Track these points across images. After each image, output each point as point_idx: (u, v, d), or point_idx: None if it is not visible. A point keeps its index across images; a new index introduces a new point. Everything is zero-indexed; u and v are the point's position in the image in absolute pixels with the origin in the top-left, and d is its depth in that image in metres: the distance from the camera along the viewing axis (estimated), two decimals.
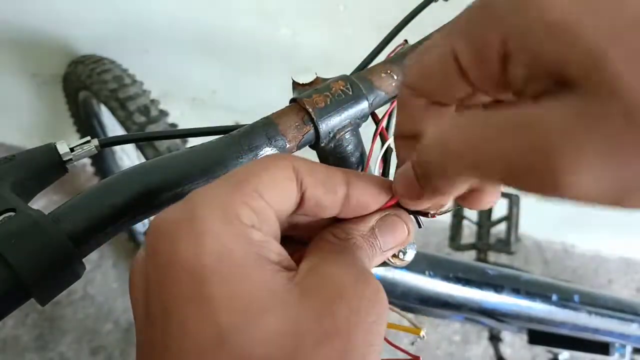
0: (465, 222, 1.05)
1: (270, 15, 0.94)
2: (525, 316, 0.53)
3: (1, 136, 1.43)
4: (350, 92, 0.32)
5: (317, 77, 0.33)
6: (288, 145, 0.31)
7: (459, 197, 0.23)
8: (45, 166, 0.29)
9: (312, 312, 0.19)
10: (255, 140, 0.30)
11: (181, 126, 0.93)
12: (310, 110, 0.31)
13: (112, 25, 1.03)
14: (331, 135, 0.32)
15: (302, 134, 0.31)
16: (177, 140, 0.87)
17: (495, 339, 1.01)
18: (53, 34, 1.07)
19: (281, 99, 0.35)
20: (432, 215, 0.27)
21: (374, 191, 0.25)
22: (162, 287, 0.19)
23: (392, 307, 0.25)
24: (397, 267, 0.45)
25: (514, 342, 1.30)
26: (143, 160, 0.70)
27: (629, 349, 0.63)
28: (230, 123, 0.33)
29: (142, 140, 0.45)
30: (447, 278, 0.48)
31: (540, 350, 1.26)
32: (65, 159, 0.30)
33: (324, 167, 0.24)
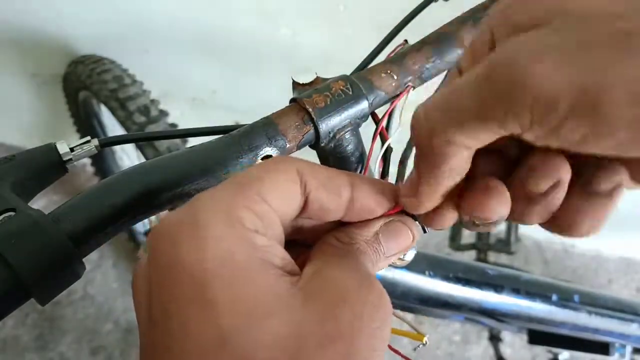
0: None
1: (270, 15, 0.94)
2: (525, 316, 0.53)
3: (1, 136, 1.43)
4: (350, 92, 0.32)
5: (317, 77, 0.33)
6: (288, 145, 0.31)
7: (470, 202, 0.22)
8: (45, 166, 0.29)
9: (315, 315, 0.19)
10: (255, 140, 0.30)
11: (181, 126, 0.93)
12: (310, 110, 0.31)
13: (112, 25, 1.03)
14: (331, 135, 0.32)
15: (302, 134, 0.31)
16: (177, 140, 0.87)
17: (495, 339, 1.01)
18: (53, 34, 1.07)
19: (281, 99, 0.35)
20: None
21: (378, 195, 0.24)
22: (164, 289, 0.19)
23: (394, 311, 0.25)
24: (397, 267, 0.45)
25: (514, 342, 1.30)
26: (143, 160, 0.70)
27: (629, 349, 0.63)
28: (230, 123, 0.33)
29: (142, 140, 0.46)
30: (447, 278, 0.48)
31: (540, 350, 1.26)
32: (65, 159, 0.30)
33: (328, 169, 0.24)
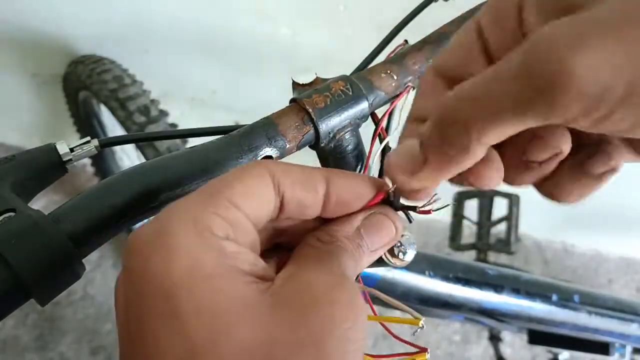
0: (465, 222, 1.05)
1: (270, 15, 0.94)
2: (525, 316, 0.53)
3: (1, 136, 1.43)
4: (350, 92, 0.32)
5: (317, 77, 0.33)
6: (288, 146, 0.31)
7: (467, 173, 0.21)
8: (45, 166, 0.29)
9: (287, 321, 0.19)
10: (255, 140, 0.30)
11: (181, 126, 0.93)
12: (310, 110, 0.31)
13: (112, 25, 1.03)
14: (331, 135, 0.32)
15: (302, 134, 0.31)
16: (177, 140, 0.87)
17: (495, 339, 1.01)
18: (53, 34, 1.07)
19: (281, 99, 0.35)
20: (421, 211, 0.25)
21: (355, 188, 0.24)
22: (135, 303, 0.19)
23: (390, 299, 0.25)
24: (397, 267, 0.44)
25: (514, 342, 1.30)
26: (143, 160, 0.70)
27: (629, 349, 0.63)
28: (230, 123, 0.33)
29: (142, 140, 0.45)
30: (447, 278, 0.48)
31: (540, 350, 1.26)
32: (65, 159, 0.30)
33: (302, 167, 0.23)
